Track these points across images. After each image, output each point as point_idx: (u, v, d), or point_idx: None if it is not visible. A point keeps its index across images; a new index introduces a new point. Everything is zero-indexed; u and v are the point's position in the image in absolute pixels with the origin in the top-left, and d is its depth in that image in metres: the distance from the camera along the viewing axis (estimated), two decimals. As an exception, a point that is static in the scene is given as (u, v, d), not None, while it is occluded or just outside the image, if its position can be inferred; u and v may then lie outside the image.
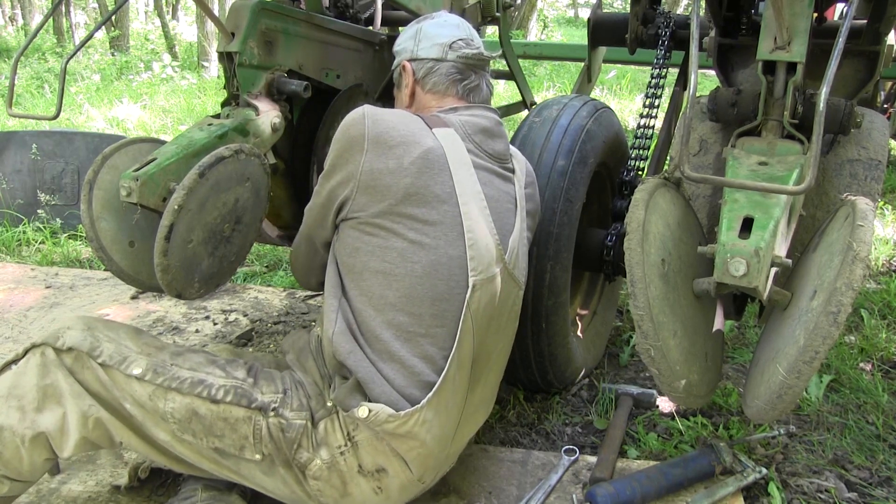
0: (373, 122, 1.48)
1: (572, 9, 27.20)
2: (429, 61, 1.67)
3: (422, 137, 1.49)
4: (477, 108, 1.66)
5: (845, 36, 1.25)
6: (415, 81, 1.69)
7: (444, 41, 1.67)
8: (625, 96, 8.84)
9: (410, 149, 1.46)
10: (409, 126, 1.50)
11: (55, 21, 13.90)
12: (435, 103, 1.67)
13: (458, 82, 1.66)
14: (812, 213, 1.85)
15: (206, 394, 1.46)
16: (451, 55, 1.66)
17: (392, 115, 1.51)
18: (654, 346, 1.47)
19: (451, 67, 1.66)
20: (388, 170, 1.45)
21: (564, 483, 1.82)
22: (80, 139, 4.11)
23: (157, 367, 1.48)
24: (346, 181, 1.49)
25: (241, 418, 1.46)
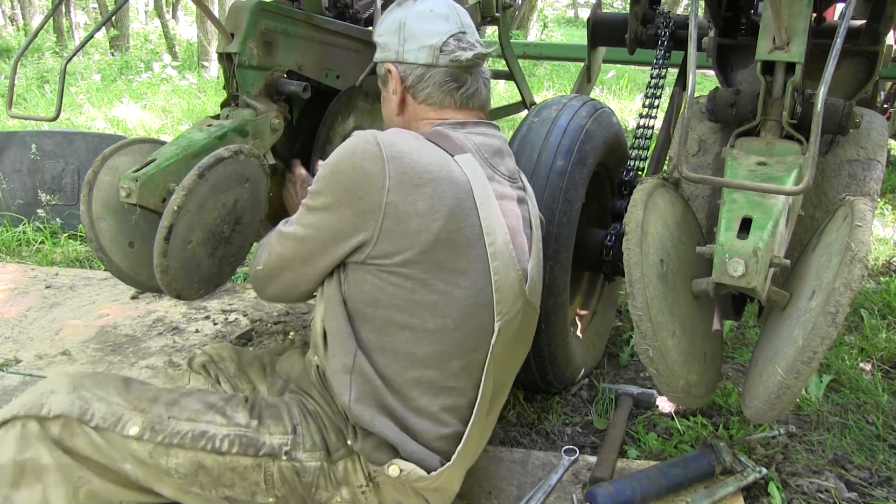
0: (392, 154, 1.29)
1: (572, 9, 27.20)
2: (417, 67, 1.47)
3: (449, 171, 1.33)
4: (485, 126, 1.51)
5: (843, 36, 1.25)
6: (404, 89, 1.50)
7: (433, 42, 1.45)
8: (624, 96, 8.84)
9: (440, 187, 1.30)
10: (433, 157, 1.33)
11: (55, 21, 13.90)
12: (433, 115, 1.51)
13: (455, 91, 1.48)
14: (811, 213, 1.85)
15: (210, 447, 1.38)
16: (442, 59, 1.46)
17: (410, 143, 1.34)
18: (652, 346, 1.47)
19: (444, 75, 1.47)
20: (418, 213, 1.29)
21: (564, 483, 1.82)
22: (80, 139, 4.11)
23: (154, 424, 1.38)
24: (363, 223, 1.31)
25: (249, 466, 1.40)
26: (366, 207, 1.30)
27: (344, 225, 1.33)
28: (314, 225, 1.37)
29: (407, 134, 1.38)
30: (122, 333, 2.78)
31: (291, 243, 1.42)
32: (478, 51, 1.49)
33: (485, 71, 1.56)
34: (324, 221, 1.35)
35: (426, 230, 1.29)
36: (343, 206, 1.32)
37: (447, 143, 1.40)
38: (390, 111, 1.57)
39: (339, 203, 1.32)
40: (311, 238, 1.38)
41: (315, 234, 1.37)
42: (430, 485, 1.40)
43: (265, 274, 1.50)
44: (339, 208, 1.32)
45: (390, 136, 1.33)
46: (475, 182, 1.35)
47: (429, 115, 1.51)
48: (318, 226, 1.36)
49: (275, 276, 1.48)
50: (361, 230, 1.31)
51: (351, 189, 1.30)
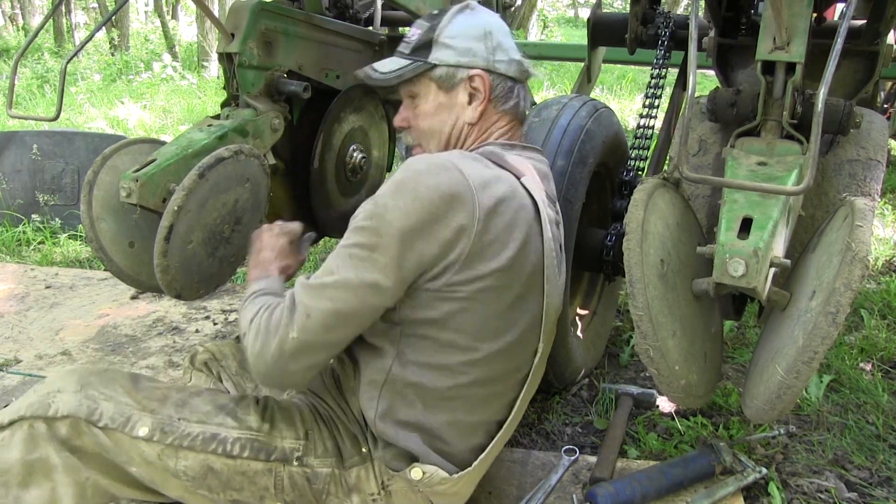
0: (478, 182, 1.25)
1: (572, 9, 27.20)
2: (508, 80, 1.47)
3: (521, 196, 1.33)
4: (531, 150, 1.52)
5: (844, 36, 1.25)
6: (489, 98, 1.46)
7: (517, 57, 1.48)
8: (625, 96, 8.84)
9: (516, 213, 1.30)
10: (506, 183, 1.32)
11: (55, 21, 13.90)
12: (501, 125, 1.49)
13: (527, 105, 1.54)
14: (811, 213, 1.85)
15: (220, 450, 1.36)
16: (524, 76, 1.49)
17: (483, 171, 1.30)
18: (653, 346, 1.47)
19: (524, 90, 1.51)
20: (498, 239, 1.27)
21: (564, 483, 1.82)
22: (80, 139, 4.11)
23: (164, 425, 1.36)
24: (446, 255, 1.24)
25: (260, 471, 1.38)
26: (453, 237, 1.23)
27: (429, 256, 1.24)
28: (391, 265, 1.23)
29: (474, 158, 1.33)
30: (122, 333, 2.78)
31: (349, 294, 1.24)
32: (532, 69, 1.53)
33: None
34: (403, 258, 1.23)
35: (501, 259, 1.28)
36: (428, 238, 1.23)
37: (509, 165, 1.38)
38: (451, 120, 1.47)
39: (422, 234, 1.22)
40: (382, 277, 1.23)
41: (387, 270, 1.23)
42: (451, 488, 1.40)
43: (300, 343, 1.25)
44: (422, 241, 1.23)
45: (465, 165, 1.27)
46: (541, 206, 1.36)
47: (502, 126, 1.49)
48: (399, 264, 1.23)
49: (315, 343, 1.26)
50: (446, 259, 1.25)
51: (439, 216, 1.22)
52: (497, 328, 1.34)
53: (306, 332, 1.24)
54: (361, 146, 2.36)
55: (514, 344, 1.38)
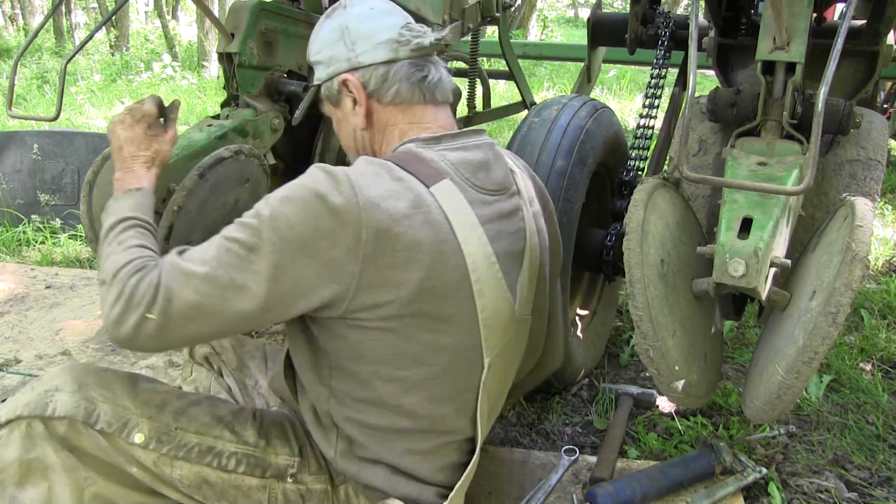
0: (367, 201, 1.14)
1: (572, 9, 27.20)
2: (379, 67, 1.32)
3: (426, 212, 1.20)
4: (464, 137, 1.36)
5: (844, 36, 1.25)
6: (367, 96, 1.34)
7: (389, 35, 1.32)
8: (625, 96, 8.84)
9: (419, 233, 1.18)
10: (408, 200, 1.19)
11: (55, 21, 13.91)
12: (402, 118, 1.36)
13: (421, 81, 1.34)
14: (811, 213, 1.85)
15: (216, 463, 1.35)
16: (403, 51, 1.32)
17: (383, 186, 1.19)
18: (653, 346, 1.47)
19: (408, 67, 1.33)
20: (397, 264, 1.17)
21: (564, 483, 1.82)
22: (80, 139, 4.11)
23: (160, 434, 1.33)
24: (336, 275, 1.16)
25: (254, 486, 1.37)
26: (339, 258, 1.14)
27: (305, 273, 1.15)
28: (262, 272, 1.14)
29: (376, 171, 1.21)
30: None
31: (215, 290, 1.15)
32: (436, 37, 1.36)
33: (441, 61, 1.43)
34: (280, 269, 1.14)
35: (407, 283, 1.18)
36: (311, 254, 1.14)
37: (422, 168, 1.25)
38: (351, 131, 1.41)
39: (305, 250, 1.14)
40: (266, 281, 1.15)
41: (263, 279, 1.14)
42: None
43: (158, 326, 1.15)
44: (305, 256, 1.14)
45: (362, 179, 1.17)
46: (456, 217, 1.23)
47: (398, 120, 1.36)
48: (266, 272, 1.14)
49: (173, 329, 1.17)
50: (333, 283, 1.16)
51: (322, 235, 1.14)
52: (419, 354, 1.25)
53: (166, 317, 1.15)
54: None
55: (448, 367, 1.28)
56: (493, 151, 1.40)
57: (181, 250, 1.21)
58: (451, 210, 1.23)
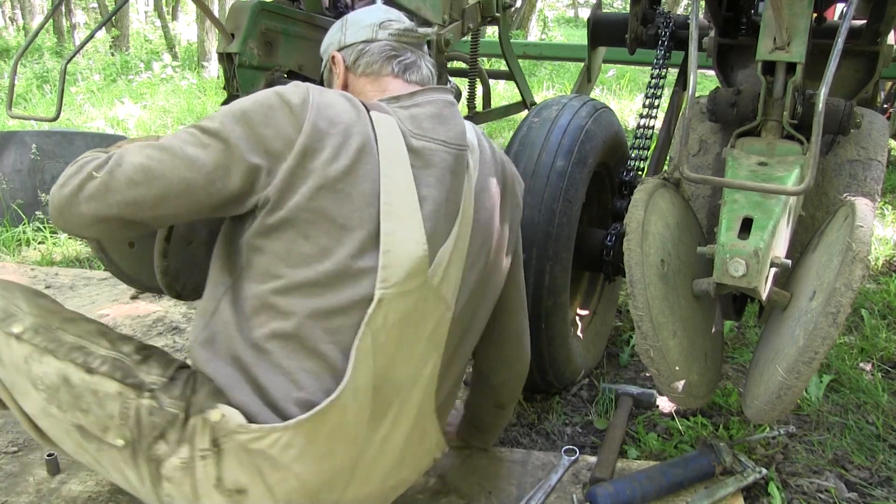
0: (318, 101, 1.29)
1: (572, 9, 27.21)
2: (358, 44, 1.50)
3: (362, 123, 1.31)
4: (422, 95, 1.44)
5: (845, 36, 1.25)
6: (346, 70, 1.52)
7: (372, 21, 1.52)
8: (625, 96, 8.84)
9: (349, 134, 1.29)
10: (348, 107, 1.32)
11: (55, 21, 13.91)
12: (370, 87, 1.50)
13: (393, 59, 1.49)
14: (812, 213, 1.85)
15: (81, 360, 1.32)
16: (381, 34, 1.50)
17: (334, 96, 1.34)
18: (653, 346, 1.47)
19: (384, 45, 1.50)
20: (322, 157, 1.26)
21: (564, 483, 1.82)
22: (80, 139, 4.11)
23: (40, 327, 1.34)
24: (264, 152, 1.25)
25: (111, 393, 1.30)
26: (278, 137, 1.25)
27: (245, 143, 1.24)
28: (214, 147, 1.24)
29: (334, 90, 1.37)
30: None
31: (166, 156, 1.24)
32: (415, 26, 1.53)
33: (427, 56, 1.56)
34: (226, 140, 1.24)
35: (322, 172, 1.25)
36: (253, 126, 1.25)
37: (374, 106, 1.38)
38: None
39: (250, 123, 1.25)
40: (203, 153, 1.24)
41: (210, 149, 1.24)
42: (252, 443, 1.23)
43: (101, 184, 1.23)
44: (247, 126, 1.25)
45: (319, 88, 1.33)
46: (384, 139, 1.32)
47: (367, 89, 1.50)
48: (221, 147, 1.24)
49: (114, 191, 1.23)
50: (263, 156, 1.25)
51: (269, 117, 1.26)
52: (309, 256, 1.26)
53: (111, 176, 1.22)
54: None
55: (332, 278, 1.26)
56: (449, 109, 1.45)
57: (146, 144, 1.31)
58: (381, 133, 1.32)
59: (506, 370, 1.73)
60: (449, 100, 1.46)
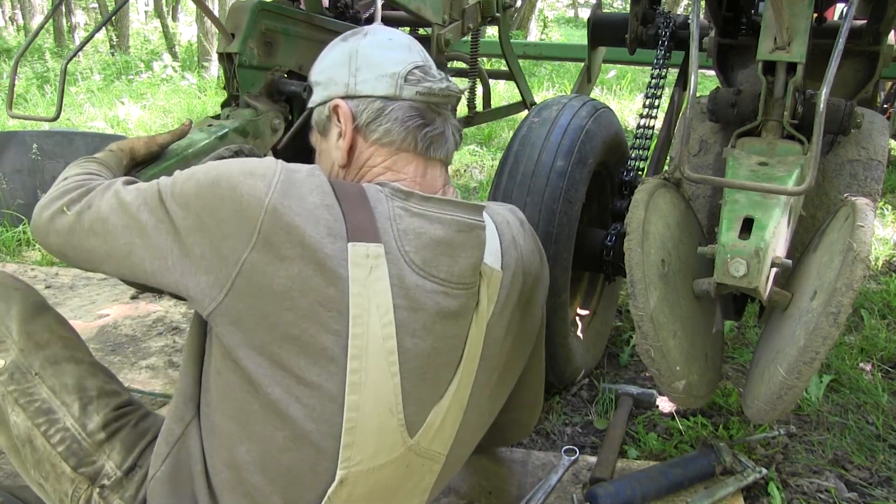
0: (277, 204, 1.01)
1: (572, 9, 27.21)
2: (376, 100, 1.17)
3: (327, 258, 1.02)
4: (438, 205, 1.12)
5: (845, 36, 1.25)
6: (355, 129, 1.19)
7: (396, 69, 1.17)
8: (625, 96, 8.84)
9: (307, 271, 1.01)
10: (319, 231, 1.02)
11: (55, 21, 13.90)
12: (381, 161, 1.18)
13: (419, 129, 1.17)
14: (812, 213, 1.85)
15: (44, 429, 1.23)
16: (407, 91, 1.16)
17: (308, 199, 1.03)
18: (653, 346, 1.47)
19: (409, 109, 1.17)
20: (272, 290, 1.01)
21: (564, 483, 1.82)
22: (80, 139, 4.11)
23: (17, 370, 1.24)
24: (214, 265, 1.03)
25: (65, 474, 1.24)
26: (226, 250, 1.02)
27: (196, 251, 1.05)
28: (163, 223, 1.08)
29: (317, 183, 1.06)
30: (122, 333, 2.78)
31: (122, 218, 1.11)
32: (451, 86, 1.20)
33: (453, 118, 1.26)
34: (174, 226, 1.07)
35: (274, 316, 1.01)
36: (203, 231, 1.04)
37: (359, 218, 1.06)
38: (329, 167, 1.25)
39: (200, 224, 1.04)
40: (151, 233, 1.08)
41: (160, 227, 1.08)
42: None
43: (69, 224, 1.15)
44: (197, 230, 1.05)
45: (293, 177, 1.04)
46: (359, 286, 1.03)
47: (377, 163, 1.18)
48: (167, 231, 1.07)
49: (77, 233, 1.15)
50: (209, 272, 1.04)
51: (220, 219, 1.03)
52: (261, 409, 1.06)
53: (78, 219, 1.15)
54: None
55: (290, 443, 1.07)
56: (465, 235, 1.12)
57: (129, 180, 1.19)
58: (357, 275, 1.03)
59: (517, 432, 1.70)
60: (468, 222, 1.13)
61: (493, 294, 1.18)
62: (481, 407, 1.25)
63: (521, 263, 1.26)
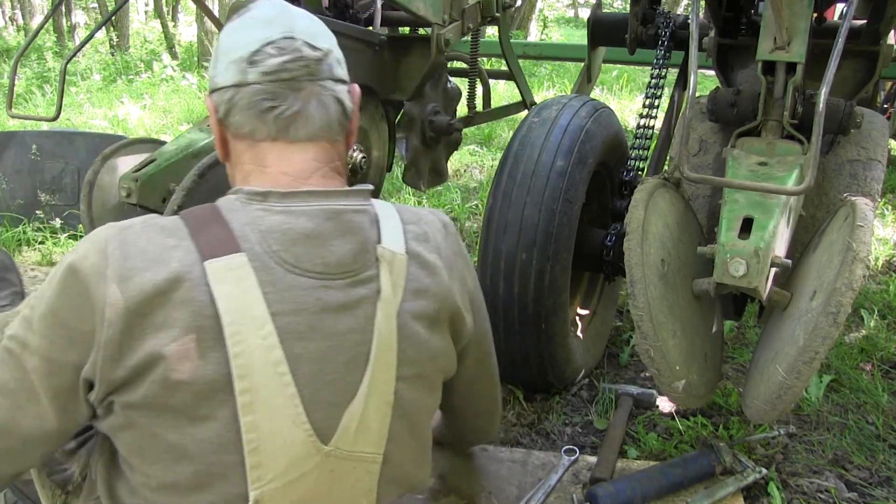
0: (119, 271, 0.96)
1: (572, 9, 27.22)
2: (227, 90, 1.07)
3: (187, 291, 0.97)
4: (301, 197, 1.04)
5: (845, 36, 1.25)
6: (220, 124, 1.10)
7: (241, 53, 1.06)
8: (625, 96, 8.84)
9: (172, 314, 0.96)
10: (171, 268, 0.97)
11: (55, 21, 13.91)
12: (249, 159, 1.09)
13: (266, 114, 1.05)
14: (812, 213, 1.85)
15: None
16: (252, 74, 1.05)
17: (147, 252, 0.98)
18: (653, 346, 1.47)
19: (254, 94, 1.05)
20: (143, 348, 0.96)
21: (564, 483, 1.82)
22: (80, 139, 4.11)
23: None
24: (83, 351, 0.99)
25: (46, 483, 1.26)
26: (84, 335, 0.98)
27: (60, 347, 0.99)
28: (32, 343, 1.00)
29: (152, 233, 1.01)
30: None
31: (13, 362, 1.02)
32: (302, 55, 1.05)
33: (331, 89, 1.09)
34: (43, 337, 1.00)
35: (151, 369, 0.96)
36: (60, 325, 0.99)
37: (214, 234, 1.01)
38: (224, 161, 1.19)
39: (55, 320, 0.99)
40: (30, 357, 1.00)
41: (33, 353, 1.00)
42: None
43: None
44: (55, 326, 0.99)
45: (128, 240, 0.99)
46: (228, 303, 0.97)
47: (244, 159, 1.10)
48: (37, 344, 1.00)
49: None
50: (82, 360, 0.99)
51: (70, 306, 0.98)
52: (162, 457, 1.01)
53: None
54: (361, 146, 2.36)
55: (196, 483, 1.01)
56: (338, 222, 1.05)
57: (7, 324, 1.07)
58: (223, 293, 0.97)
59: (480, 437, 1.66)
60: (334, 209, 1.05)
61: (400, 279, 1.10)
62: (420, 401, 1.16)
63: (440, 258, 1.17)
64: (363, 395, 1.06)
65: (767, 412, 1.40)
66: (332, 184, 1.09)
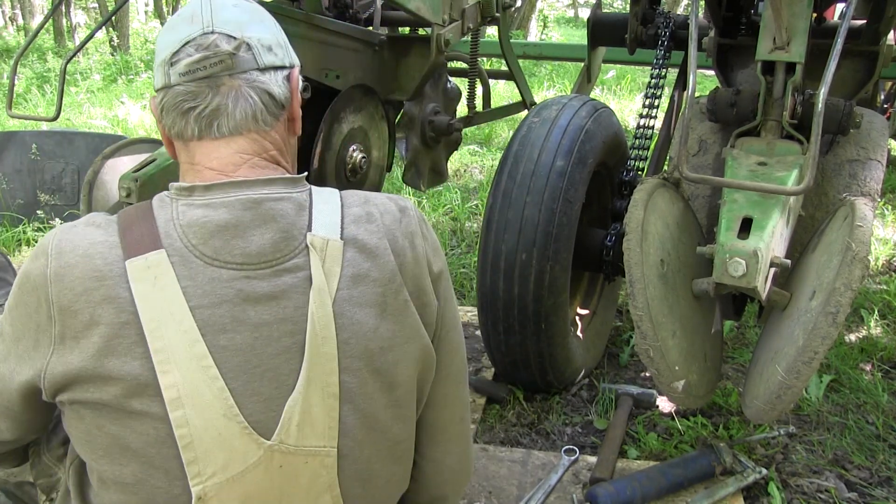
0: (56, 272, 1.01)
1: (572, 9, 27.22)
2: (159, 93, 1.08)
3: (109, 290, 1.00)
4: (223, 189, 1.05)
5: (844, 36, 1.25)
6: (160, 125, 1.12)
7: (165, 55, 1.06)
8: (625, 96, 8.84)
9: (97, 312, 0.99)
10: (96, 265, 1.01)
11: (55, 21, 13.91)
12: (185, 157, 1.11)
13: (189, 113, 1.06)
14: (811, 213, 1.85)
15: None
16: (174, 76, 1.05)
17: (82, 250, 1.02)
18: (653, 346, 1.47)
19: (176, 96, 1.06)
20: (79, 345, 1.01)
21: (564, 483, 1.82)
22: (80, 139, 4.11)
23: None
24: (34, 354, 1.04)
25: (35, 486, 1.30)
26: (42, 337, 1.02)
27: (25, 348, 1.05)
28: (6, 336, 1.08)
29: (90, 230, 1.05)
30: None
31: None
32: (217, 50, 1.05)
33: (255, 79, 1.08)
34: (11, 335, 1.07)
35: (85, 361, 1.00)
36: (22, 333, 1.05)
37: (139, 232, 1.04)
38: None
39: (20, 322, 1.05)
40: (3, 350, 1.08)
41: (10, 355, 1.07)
42: None
43: None
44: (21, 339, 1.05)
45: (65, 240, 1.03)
46: (145, 302, 1.00)
47: (181, 158, 1.12)
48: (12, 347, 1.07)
49: None
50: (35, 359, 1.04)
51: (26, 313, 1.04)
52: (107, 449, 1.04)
53: None
54: (361, 146, 2.36)
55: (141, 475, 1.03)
56: (258, 211, 1.05)
57: None
58: (141, 291, 1.00)
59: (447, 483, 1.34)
60: (253, 198, 1.05)
61: (334, 266, 1.07)
62: (377, 396, 1.11)
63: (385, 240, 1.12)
64: (302, 387, 1.04)
65: (767, 412, 1.40)
66: (264, 173, 1.08)
